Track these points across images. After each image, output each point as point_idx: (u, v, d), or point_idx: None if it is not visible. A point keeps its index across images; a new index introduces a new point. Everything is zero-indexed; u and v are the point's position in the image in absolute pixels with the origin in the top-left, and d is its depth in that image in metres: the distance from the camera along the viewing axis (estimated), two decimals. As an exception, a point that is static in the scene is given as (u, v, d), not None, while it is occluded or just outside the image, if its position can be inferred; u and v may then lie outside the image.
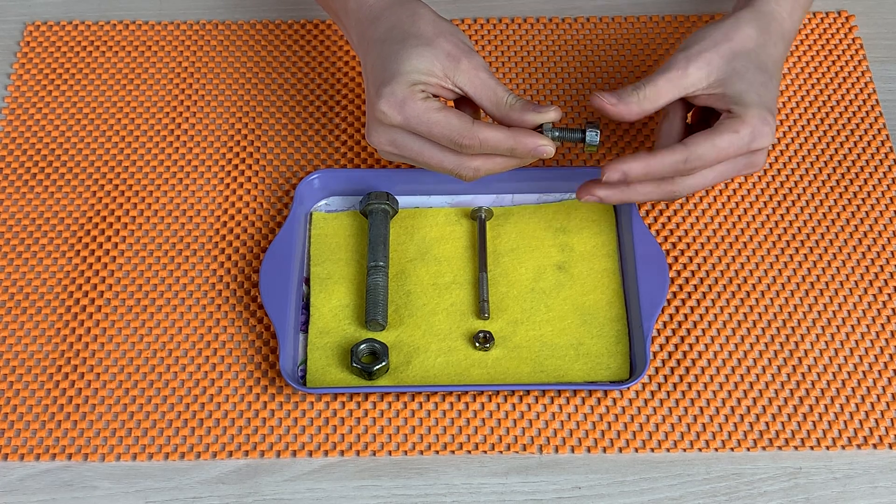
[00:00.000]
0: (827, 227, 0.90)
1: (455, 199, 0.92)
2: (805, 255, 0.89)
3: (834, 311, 0.86)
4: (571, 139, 0.83)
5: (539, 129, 0.82)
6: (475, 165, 0.82)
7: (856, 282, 0.87)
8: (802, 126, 0.96)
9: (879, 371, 0.83)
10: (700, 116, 0.88)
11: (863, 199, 0.92)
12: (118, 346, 0.84)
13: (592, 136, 0.83)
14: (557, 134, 0.83)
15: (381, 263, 0.86)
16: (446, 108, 0.81)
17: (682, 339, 0.85)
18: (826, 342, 0.85)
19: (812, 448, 0.80)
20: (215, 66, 1.01)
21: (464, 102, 0.85)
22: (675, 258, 0.89)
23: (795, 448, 0.80)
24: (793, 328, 0.85)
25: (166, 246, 0.89)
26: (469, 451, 0.80)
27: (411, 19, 0.84)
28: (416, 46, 0.82)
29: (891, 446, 0.80)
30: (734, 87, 0.83)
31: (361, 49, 0.87)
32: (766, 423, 0.81)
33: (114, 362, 0.84)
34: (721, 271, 0.88)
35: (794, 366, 0.83)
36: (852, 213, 0.91)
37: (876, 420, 0.81)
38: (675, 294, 0.87)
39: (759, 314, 0.86)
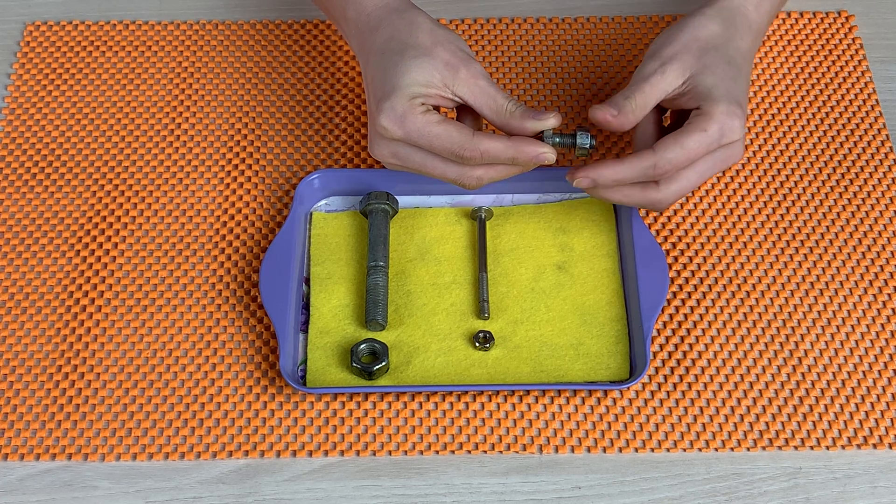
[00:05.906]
0: (827, 227, 0.90)
1: (455, 199, 0.92)
2: (805, 255, 0.89)
3: (834, 311, 0.86)
4: (570, 144, 0.84)
5: (539, 135, 0.82)
6: (477, 175, 0.83)
7: (856, 282, 0.87)
8: (802, 126, 0.96)
9: (879, 371, 0.83)
10: (676, 117, 0.88)
11: (863, 199, 0.92)
12: (118, 346, 0.84)
13: (583, 140, 0.84)
14: (558, 140, 0.83)
15: (381, 263, 0.86)
16: (446, 120, 0.81)
17: (682, 339, 0.85)
18: (826, 342, 0.85)
19: (812, 448, 0.80)
20: (215, 66, 1.00)
21: (465, 110, 0.85)
22: (675, 258, 0.89)
23: (795, 448, 0.80)
24: (793, 328, 0.85)
25: (166, 246, 0.89)
26: (469, 451, 0.80)
27: (409, 29, 0.84)
28: (415, 58, 0.82)
29: (891, 446, 0.80)
30: (704, 82, 0.83)
31: (362, 58, 0.87)
32: (766, 423, 0.81)
33: (114, 362, 0.84)
34: (721, 271, 0.88)
35: (794, 366, 0.83)
36: (852, 213, 0.91)
37: (876, 420, 0.81)
38: (675, 294, 0.87)
39: (759, 314, 0.86)
